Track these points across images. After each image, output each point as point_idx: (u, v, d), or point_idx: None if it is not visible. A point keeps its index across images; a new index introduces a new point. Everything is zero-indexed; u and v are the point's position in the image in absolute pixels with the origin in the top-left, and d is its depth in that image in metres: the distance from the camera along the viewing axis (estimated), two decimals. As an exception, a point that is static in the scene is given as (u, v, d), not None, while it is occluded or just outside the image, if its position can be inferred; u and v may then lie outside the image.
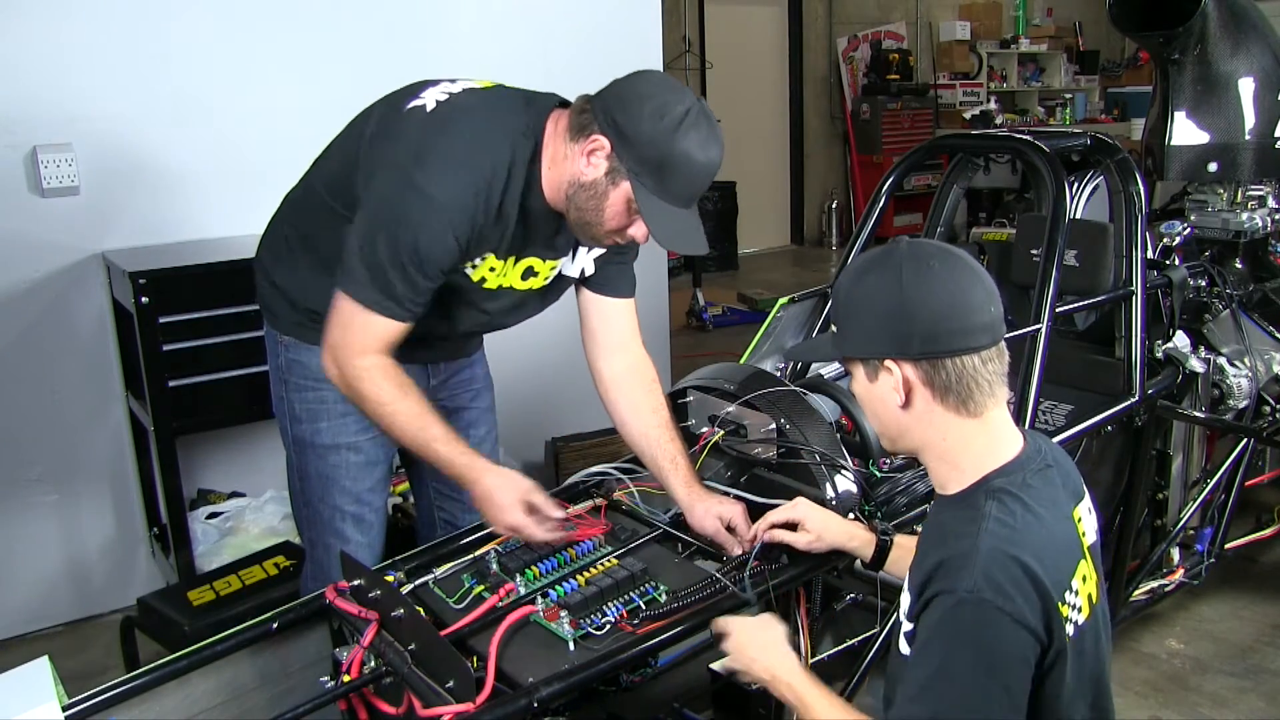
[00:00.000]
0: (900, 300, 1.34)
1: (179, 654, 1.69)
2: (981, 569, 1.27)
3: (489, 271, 1.88)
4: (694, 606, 1.67)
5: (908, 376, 1.36)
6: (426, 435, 1.83)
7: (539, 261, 1.92)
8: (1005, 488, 1.36)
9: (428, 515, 2.32)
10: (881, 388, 1.39)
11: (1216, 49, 3.00)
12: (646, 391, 2.05)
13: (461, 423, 2.19)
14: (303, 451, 2.06)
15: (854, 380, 1.45)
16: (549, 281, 1.99)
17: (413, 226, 1.71)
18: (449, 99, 1.82)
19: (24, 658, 1.57)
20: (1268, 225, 3.16)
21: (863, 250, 2.69)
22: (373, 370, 1.81)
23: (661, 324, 4.15)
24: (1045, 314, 2.24)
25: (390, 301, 1.76)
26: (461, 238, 1.75)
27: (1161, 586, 2.83)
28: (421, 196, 1.71)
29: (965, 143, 3.05)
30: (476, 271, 1.87)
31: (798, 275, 8.13)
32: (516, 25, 3.62)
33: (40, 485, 3.11)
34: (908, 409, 1.38)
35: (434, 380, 2.15)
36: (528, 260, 1.91)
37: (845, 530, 1.75)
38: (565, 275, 2.01)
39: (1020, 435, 1.43)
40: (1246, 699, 2.66)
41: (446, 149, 1.74)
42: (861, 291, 1.39)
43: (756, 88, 8.98)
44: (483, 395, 2.30)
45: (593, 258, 2.00)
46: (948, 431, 1.39)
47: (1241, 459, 2.94)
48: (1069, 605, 1.32)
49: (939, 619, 1.29)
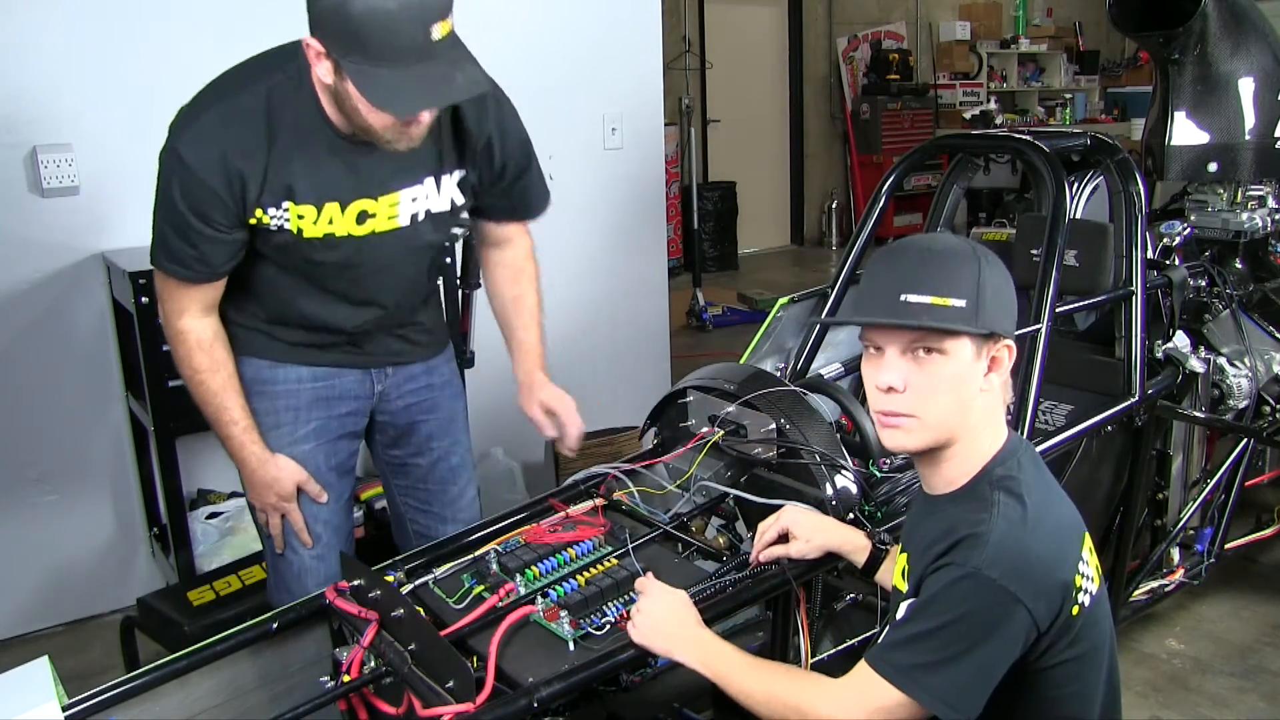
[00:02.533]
0: (1011, 289, 1.42)
1: (179, 654, 1.69)
2: (992, 548, 1.31)
3: (301, 220, 1.81)
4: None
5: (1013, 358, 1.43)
6: (225, 417, 1.92)
7: (370, 201, 1.84)
8: (1008, 475, 1.40)
9: (402, 527, 2.29)
10: (978, 369, 1.39)
11: (1216, 49, 3.00)
12: (513, 281, 2.16)
13: (418, 437, 2.16)
14: None
15: (944, 361, 1.37)
16: (405, 224, 1.89)
17: (170, 182, 1.75)
18: None
19: (24, 658, 1.57)
20: (1268, 225, 3.16)
21: (863, 251, 2.69)
22: (188, 337, 1.88)
23: (661, 324, 4.15)
24: (1045, 314, 2.24)
25: (175, 263, 1.81)
26: (218, 185, 1.73)
27: (1161, 586, 2.83)
28: (171, 152, 1.75)
29: (965, 143, 3.05)
30: (292, 223, 1.81)
31: (798, 275, 8.12)
32: (516, 25, 3.62)
33: (40, 485, 3.11)
34: (989, 394, 1.42)
35: (379, 386, 2.09)
36: (357, 204, 1.83)
37: (839, 533, 1.75)
38: (435, 213, 1.92)
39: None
40: (1246, 699, 2.66)
41: (194, 103, 1.80)
42: (998, 273, 1.40)
43: (756, 88, 8.98)
44: (443, 406, 2.20)
45: (455, 182, 1.93)
46: (992, 419, 1.44)
47: (1241, 459, 2.94)
48: (1083, 575, 1.38)
49: (941, 587, 1.33)
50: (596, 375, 3.93)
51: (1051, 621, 1.34)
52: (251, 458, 1.95)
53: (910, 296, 1.36)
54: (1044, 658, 1.37)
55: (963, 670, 1.31)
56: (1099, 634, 1.42)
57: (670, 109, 6.52)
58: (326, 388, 2.03)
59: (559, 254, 3.79)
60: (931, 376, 1.37)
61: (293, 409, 2.01)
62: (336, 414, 2.05)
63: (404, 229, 1.90)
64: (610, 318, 3.95)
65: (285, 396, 2.00)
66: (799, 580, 1.74)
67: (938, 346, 1.37)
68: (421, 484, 2.21)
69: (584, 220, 3.85)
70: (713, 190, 8.19)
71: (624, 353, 4.00)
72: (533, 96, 3.65)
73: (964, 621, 1.31)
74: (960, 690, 1.31)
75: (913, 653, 1.33)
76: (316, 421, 2.03)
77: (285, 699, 1.74)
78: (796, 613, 1.79)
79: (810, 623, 1.83)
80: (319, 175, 1.79)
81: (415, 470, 2.20)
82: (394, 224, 1.88)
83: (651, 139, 4.02)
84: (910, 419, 1.39)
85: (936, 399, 1.38)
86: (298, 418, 2.01)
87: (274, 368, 2.00)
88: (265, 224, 1.81)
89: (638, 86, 3.91)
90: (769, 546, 1.75)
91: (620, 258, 3.95)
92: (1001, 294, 1.40)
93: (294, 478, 1.99)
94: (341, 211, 1.83)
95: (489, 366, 3.57)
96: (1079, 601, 1.36)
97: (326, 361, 2.00)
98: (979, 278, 1.37)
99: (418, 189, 1.88)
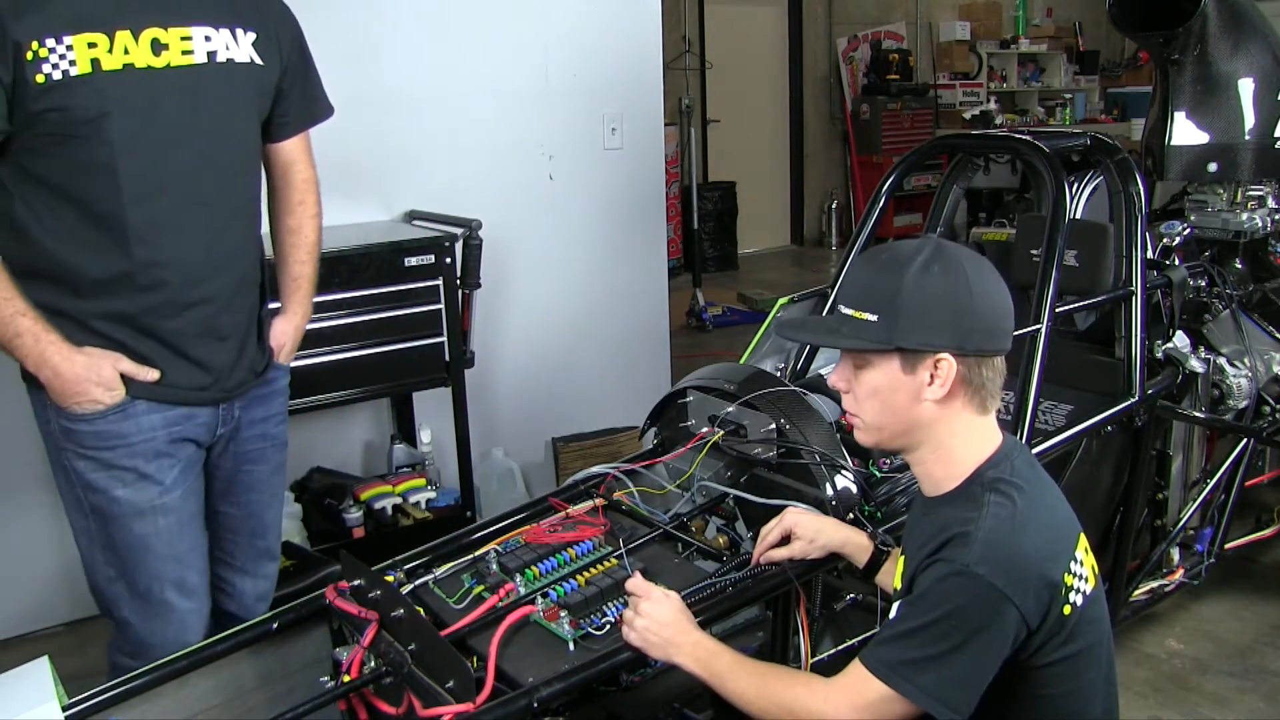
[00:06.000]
0: (970, 297, 1.38)
1: (179, 654, 1.69)
2: (980, 546, 1.32)
3: (93, 50, 1.64)
4: (693, 607, 1.66)
5: (954, 371, 1.40)
6: (7, 309, 1.69)
7: (160, 31, 1.71)
8: (1000, 477, 1.41)
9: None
10: (915, 381, 1.40)
11: (1216, 49, 3.00)
12: (290, 211, 2.07)
13: (238, 485, 2.02)
14: (104, 522, 1.85)
15: (869, 371, 1.42)
16: (203, 61, 1.76)
17: None
18: None
19: (24, 658, 1.57)
20: (1268, 225, 3.16)
21: (863, 250, 2.69)
22: None
23: (661, 324, 4.15)
24: (1045, 314, 2.24)
25: None
26: None
27: (1161, 586, 2.83)
28: None
29: (965, 143, 3.05)
30: (80, 61, 1.63)
31: (798, 275, 8.12)
32: (516, 25, 3.62)
33: (40, 485, 3.11)
34: (940, 404, 1.41)
35: (224, 429, 1.95)
36: (149, 32, 1.69)
37: (841, 534, 1.75)
38: (238, 62, 1.82)
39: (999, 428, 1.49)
40: (1246, 699, 2.66)
41: None
42: (928, 284, 1.38)
43: (756, 88, 8.98)
44: (267, 457, 2.07)
45: (252, 42, 1.84)
46: (960, 428, 1.43)
47: (1241, 459, 2.94)
48: (1075, 575, 1.38)
49: (931, 584, 1.34)
50: (596, 375, 3.94)
51: (1041, 619, 1.34)
52: (53, 349, 1.72)
53: (842, 307, 1.44)
54: (1036, 656, 1.37)
55: (952, 667, 1.31)
56: (1095, 634, 1.42)
57: (670, 109, 6.52)
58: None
59: (559, 254, 3.81)
60: (861, 384, 1.45)
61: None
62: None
63: (203, 68, 1.76)
64: (610, 318, 3.95)
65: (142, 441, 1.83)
66: (800, 580, 1.74)
67: (859, 359, 1.44)
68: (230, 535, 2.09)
69: (584, 220, 3.85)
70: (713, 190, 8.19)
71: (624, 353, 4.00)
72: (533, 96, 3.69)
73: (953, 618, 1.31)
74: (950, 686, 1.32)
75: (902, 649, 1.34)
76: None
77: (285, 699, 1.74)
78: (796, 613, 1.80)
79: (810, 623, 1.83)
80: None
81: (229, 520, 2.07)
82: (190, 60, 1.75)
83: (651, 139, 4.02)
84: (855, 418, 1.48)
85: (869, 404, 1.45)
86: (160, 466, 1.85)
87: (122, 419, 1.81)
88: (37, 79, 1.60)
89: (638, 86, 3.91)
90: (771, 548, 1.75)
91: (620, 258, 3.95)
92: (934, 308, 1.38)
93: (109, 359, 1.77)
94: (134, 39, 1.68)
95: (489, 366, 3.58)
96: (1070, 601, 1.37)
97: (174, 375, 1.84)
98: (899, 292, 1.38)
99: (211, 30, 1.78)
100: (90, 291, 1.76)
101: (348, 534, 3.11)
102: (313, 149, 2.10)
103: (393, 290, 3.04)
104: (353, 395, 3.10)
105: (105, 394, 1.78)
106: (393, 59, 3.38)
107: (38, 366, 1.74)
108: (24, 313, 1.70)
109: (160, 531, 1.86)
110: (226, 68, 1.81)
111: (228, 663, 1.72)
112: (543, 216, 3.74)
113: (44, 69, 1.62)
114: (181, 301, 1.82)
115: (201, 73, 1.77)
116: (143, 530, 1.85)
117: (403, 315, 3.07)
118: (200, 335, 1.86)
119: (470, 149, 3.55)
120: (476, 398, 3.39)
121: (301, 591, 2.05)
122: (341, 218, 3.32)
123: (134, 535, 1.85)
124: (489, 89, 3.57)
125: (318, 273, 2.13)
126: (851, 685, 1.37)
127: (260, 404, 2.02)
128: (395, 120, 3.38)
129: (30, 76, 1.62)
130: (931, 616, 1.33)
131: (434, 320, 3.12)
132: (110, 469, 1.82)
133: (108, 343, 1.78)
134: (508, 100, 3.61)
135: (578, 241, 3.84)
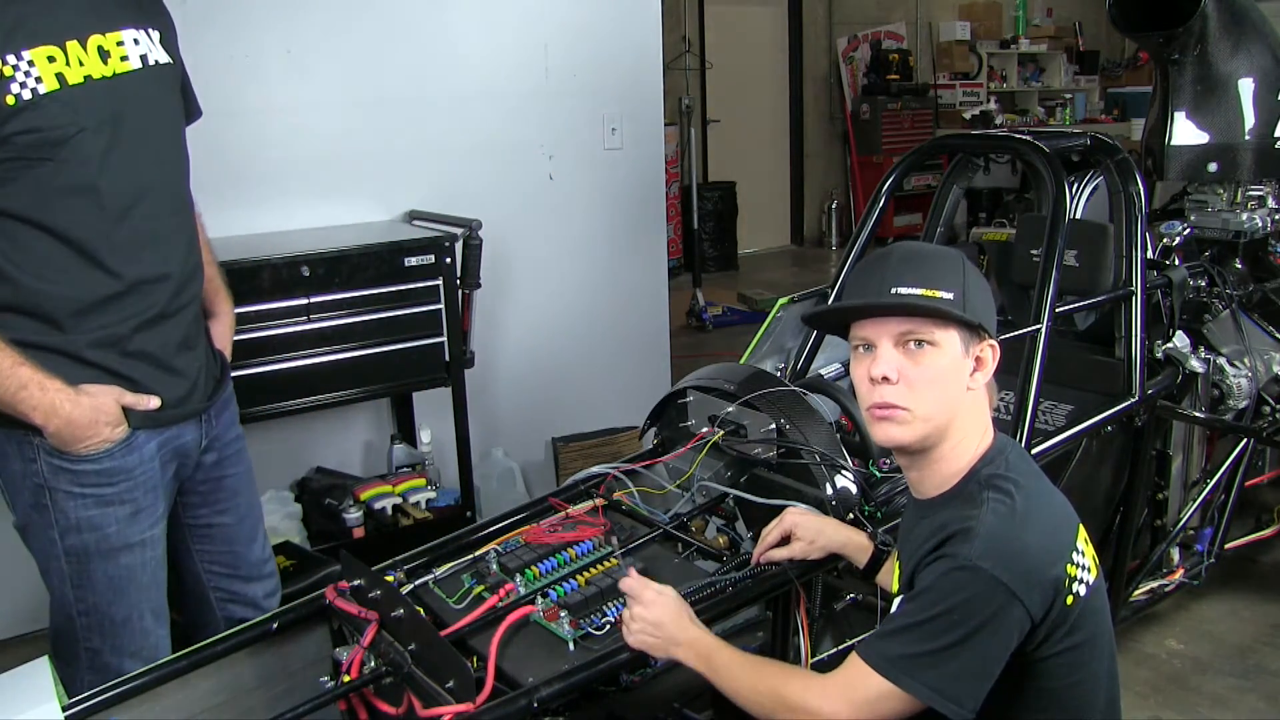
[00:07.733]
0: (990, 295, 1.47)
1: (179, 654, 1.70)
2: (983, 540, 1.33)
3: (52, 65, 1.60)
4: (694, 607, 1.66)
5: (998, 358, 1.46)
6: (5, 360, 1.63)
7: (100, 37, 1.68)
8: (996, 474, 1.42)
9: (198, 593, 2.06)
10: (968, 365, 1.43)
11: (1216, 49, 3.00)
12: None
13: (224, 491, 2.00)
14: (85, 561, 1.80)
15: (934, 354, 1.39)
16: (139, 66, 1.74)
17: None
18: None
19: (24, 658, 1.57)
20: (1268, 225, 3.16)
21: (863, 251, 2.69)
22: None
23: (661, 324, 4.15)
24: (1045, 314, 2.24)
25: None
26: None
27: (1161, 586, 2.83)
28: None
29: (965, 143, 3.05)
30: (46, 78, 1.59)
31: (798, 275, 8.12)
32: (516, 25, 3.62)
33: (40, 485, 3.11)
34: (974, 393, 1.44)
35: (206, 439, 1.93)
36: (94, 39, 1.67)
37: (842, 534, 1.75)
38: (162, 63, 1.79)
39: None
40: (1246, 699, 2.66)
41: None
42: (974, 276, 1.44)
43: (756, 88, 8.98)
44: (242, 458, 2.06)
45: (159, 40, 1.80)
46: (976, 422, 1.45)
47: (1241, 459, 2.94)
48: (1077, 565, 1.39)
49: (934, 579, 1.34)
50: (596, 375, 3.94)
51: (1046, 612, 1.34)
52: (61, 397, 1.67)
53: (901, 289, 1.40)
54: (1042, 648, 1.37)
55: (956, 661, 1.31)
56: (1098, 623, 1.43)
57: (670, 109, 6.52)
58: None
59: (559, 254, 3.81)
60: (923, 368, 1.40)
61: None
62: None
63: (141, 72, 1.74)
64: (610, 318, 3.96)
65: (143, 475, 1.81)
66: (800, 580, 1.74)
67: (929, 338, 1.39)
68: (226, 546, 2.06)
69: (584, 220, 3.85)
70: (713, 190, 8.19)
71: (624, 353, 4.01)
72: (532, 97, 3.69)
73: (956, 612, 1.31)
74: (955, 681, 1.31)
75: (903, 643, 1.34)
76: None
77: (285, 699, 1.74)
78: (796, 613, 1.80)
79: (810, 623, 1.83)
80: (52, 4, 1.62)
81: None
82: (128, 65, 1.72)
83: (651, 139, 4.03)
84: (903, 411, 1.40)
85: (928, 391, 1.40)
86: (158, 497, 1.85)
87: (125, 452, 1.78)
88: (7, 100, 1.55)
89: (638, 86, 3.91)
90: (772, 549, 1.75)
91: (620, 258, 3.95)
92: (984, 294, 1.45)
93: (111, 394, 1.74)
94: (84, 49, 1.64)
95: (489, 366, 3.58)
96: (1074, 591, 1.37)
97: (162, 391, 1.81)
98: (964, 275, 1.42)
99: (136, 33, 1.75)
100: (76, 320, 1.71)
101: (348, 534, 3.10)
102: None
103: (393, 290, 3.04)
104: (353, 395, 3.10)
105: (113, 431, 1.74)
106: (393, 59, 3.38)
107: (48, 416, 1.67)
108: (22, 362, 1.65)
109: (146, 563, 1.85)
110: (157, 70, 1.78)
111: (228, 663, 1.72)
112: (543, 216, 3.75)
113: (13, 89, 1.57)
114: (169, 312, 1.81)
115: (142, 77, 1.75)
116: (129, 562, 1.82)
117: (403, 315, 3.07)
118: (180, 345, 1.85)
119: (470, 149, 3.55)
120: (476, 398, 3.39)
121: (301, 591, 2.06)
122: (341, 218, 3.33)
123: (120, 567, 1.81)
124: (489, 89, 3.57)
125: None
126: (849, 680, 1.37)
127: (224, 407, 2.01)
128: (395, 120, 3.38)
129: (0, 98, 1.57)
130: (934, 611, 1.32)
131: (434, 320, 3.13)
132: (108, 505, 1.78)
133: (100, 372, 1.74)
134: (508, 100, 3.61)
135: (578, 241, 3.84)
